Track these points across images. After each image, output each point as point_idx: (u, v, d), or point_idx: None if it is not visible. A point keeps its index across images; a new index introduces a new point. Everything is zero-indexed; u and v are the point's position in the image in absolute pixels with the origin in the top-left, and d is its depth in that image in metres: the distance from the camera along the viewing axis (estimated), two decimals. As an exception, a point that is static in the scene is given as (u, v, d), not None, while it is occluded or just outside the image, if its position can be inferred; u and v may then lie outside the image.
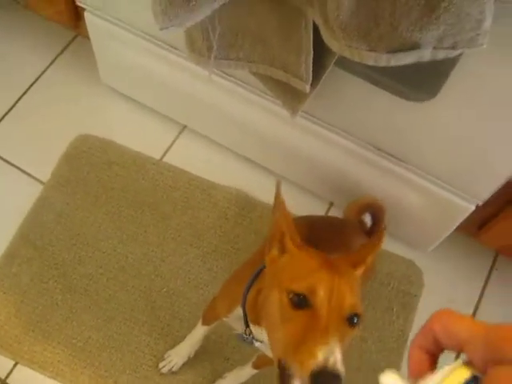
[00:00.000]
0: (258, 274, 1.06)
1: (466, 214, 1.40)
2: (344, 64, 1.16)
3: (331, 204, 1.72)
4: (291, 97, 1.26)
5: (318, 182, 1.66)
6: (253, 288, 1.05)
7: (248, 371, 1.42)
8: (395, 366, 1.56)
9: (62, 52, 1.90)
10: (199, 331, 1.43)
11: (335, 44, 0.94)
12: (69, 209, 1.66)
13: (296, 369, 0.77)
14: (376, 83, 1.19)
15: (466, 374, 0.39)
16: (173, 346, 1.52)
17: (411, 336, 1.60)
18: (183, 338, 1.50)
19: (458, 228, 1.49)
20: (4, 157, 1.73)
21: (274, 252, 0.96)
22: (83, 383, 1.48)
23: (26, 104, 1.82)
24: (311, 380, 0.74)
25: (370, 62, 0.92)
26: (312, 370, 0.74)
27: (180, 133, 1.80)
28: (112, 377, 1.49)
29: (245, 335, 1.09)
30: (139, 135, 1.78)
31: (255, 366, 1.37)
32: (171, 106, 1.75)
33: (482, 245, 1.54)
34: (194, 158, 1.75)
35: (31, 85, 1.85)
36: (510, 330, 0.37)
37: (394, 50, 0.89)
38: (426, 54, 0.89)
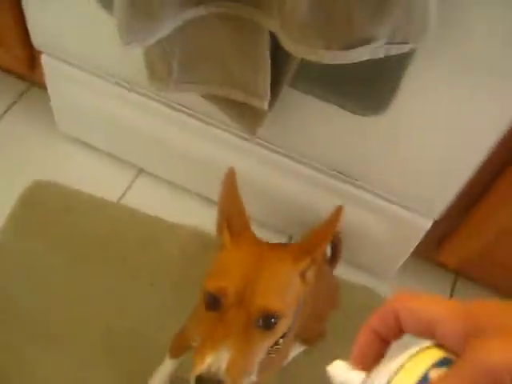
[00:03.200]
0: None
1: (424, 232, 1.43)
2: (295, 82, 1.21)
3: (291, 237, 1.73)
4: (249, 118, 1.29)
5: (276, 216, 1.67)
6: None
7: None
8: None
9: (14, 103, 1.90)
10: (166, 368, 1.37)
11: (292, 46, 0.97)
12: (26, 254, 1.60)
13: (193, 367, 0.80)
14: (326, 99, 1.23)
15: (437, 354, 0.36)
16: (137, 391, 1.45)
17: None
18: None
19: (418, 250, 1.52)
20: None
21: (220, 242, 0.95)
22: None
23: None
24: (195, 382, 0.78)
25: (327, 61, 0.96)
26: (197, 372, 0.77)
27: (137, 175, 1.80)
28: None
29: None
30: (96, 180, 1.77)
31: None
32: (127, 148, 1.75)
33: (443, 264, 1.57)
34: (152, 200, 1.75)
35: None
36: (493, 305, 0.35)
37: (349, 47, 0.93)
38: (379, 50, 0.94)
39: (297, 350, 1.54)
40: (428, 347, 0.36)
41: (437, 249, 1.52)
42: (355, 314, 1.63)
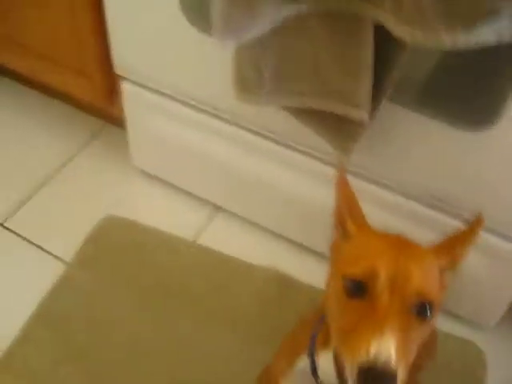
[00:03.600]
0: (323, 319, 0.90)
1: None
2: (394, 93, 1.10)
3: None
4: (343, 136, 1.18)
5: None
6: (322, 329, 0.87)
7: None
8: None
9: (90, 140, 1.86)
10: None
11: (407, 32, 0.87)
12: (92, 291, 1.50)
13: (346, 361, 0.68)
14: (428, 112, 1.11)
15: None
16: None
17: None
18: None
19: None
20: (26, 236, 1.61)
21: (337, 238, 0.84)
22: None
23: (51, 188, 1.74)
24: (359, 378, 0.64)
25: (448, 44, 0.84)
26: (360, 366, 0.64)
27: (214, 214, 1.70)
28: None
29: None
30: (172, 218, 1.67)
31: None
32: (206, 185, 1.66)
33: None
34: (230, 240, 1.63)
35: (58, 170, 1.78)
36: None
37: (472, 23, 0.81)
38: (505, 30, 0.82)
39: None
40: None
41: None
42: (448, 366, 1.44)
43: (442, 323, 1.47)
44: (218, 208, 1.70)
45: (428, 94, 1.11)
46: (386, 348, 0.63)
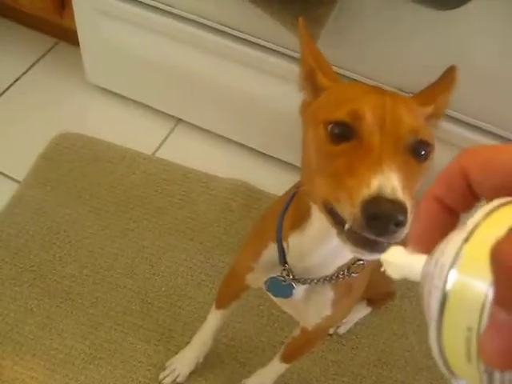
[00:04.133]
0: (292, 198, 0.83)
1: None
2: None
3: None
4: (310, 21, 1.11)
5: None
6: (288, 211, 0.82)
7: (274, 369, 1.14)
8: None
9: (42, 56, 1.76)
10: (212, 321, 1.16)
11: None
12: (48, 206, 1.43)
13: (343, 206, 0.58)
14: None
15: None
16: (175, 354, 1.24)
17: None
18: (187, 343, 1.23)
19: None
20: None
21: (306, 97, 0.76)
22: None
23: (1, 106, 1.64)
24: (362, 211, 0.54)
25: None
26: (364, 200, 0.55)
27: (174, 127, 1.62)
28: (102, 395, 1.20)
29: (282, 277, 0.83)
30: (129, 132, 1.59)
31: (284, 358, 1.10)
32: (163, 97, 1.59)
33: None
34: (191, 152, 1.57)
35: (9, 87, 1.67)
36: None
37: None
38: None
39: (363, 312, 1.32)
40: (509, 202, 0.27)
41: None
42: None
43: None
44: (178, 120, 1.63)
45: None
46: (389, 179, 0.56)
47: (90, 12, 1.44)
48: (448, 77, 0.78)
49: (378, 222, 0.54)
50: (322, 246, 0.75)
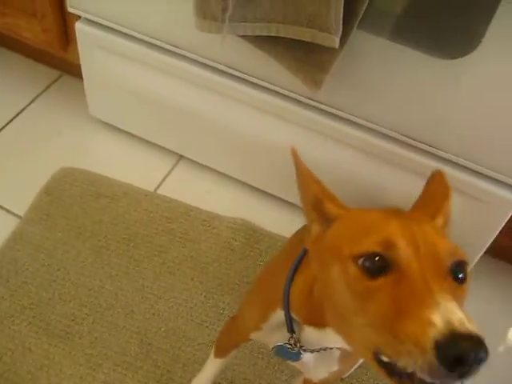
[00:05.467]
0: (300, 262, 0.81)
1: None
2: (368, 24, 1.04)
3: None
4: (314, 67, 1.12)
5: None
6: (297, 279, 0.79)
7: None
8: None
9: (45, 89, 1.76)
10: (210, 368, 1.15)
11: None
12: (48, 243, 1.42)
13: (409, 357, 0.50)
14: (404, 40, 1.06)
15: None
16: (174, 397, 1.23)
17: None
18: (187, 385, 1.22)
19: (495, 246, 1.32)
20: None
21: (315, 228, 0.71)
22: None
23: (4, 139, 1.64)
24: (440, 356, 0.47)
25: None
26: (434, 342, 0.48)
27: (175, 163, 1.62)
28: None
29: (289, 346, 0.81)
30: (131, 168, 1.59)
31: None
32: (165, 134, 1.59)
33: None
34: (192, 189, 1.57)
35: (12, 119, 1.68)
36: None
37: None
38: None
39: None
40: None
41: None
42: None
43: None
44: (179, 157, 1.63)
45: (403, 22, 1.06)
46: (453, 311, 0.50)
47: (94, 48, 1.45)
48: (439, 182, 0.80)
49: (461, 364, 0.48)
50: (341, 342, 0.68)
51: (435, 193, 0.79)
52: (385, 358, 0.54)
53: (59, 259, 1.39)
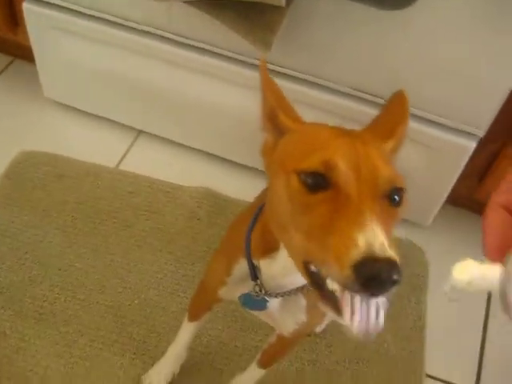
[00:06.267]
0: (259, 213, 0.83)
1: (468, 154, 1.25)
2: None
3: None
4: (262, 29, 1.12)
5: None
6: (257, 225, 0.81)
7: (252, 375, 1.15)
8: (416, 355, 1.33)
9: (-2, 75, 1.74)
10: (185, 334, 1.17)
11: None
12: (14, 227, 1.41)
13: (330, 268, 0.55)
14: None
15: None
16: (152, 366, 1.25)
17: (428, 320, 1.38)
18: (163, 354, 1.24)
19: (456, 196, 1.35)
20: None
21: (269, 139, 0.73)
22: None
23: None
24: (356, 274, 0.52)
25: None
26: (355, 261, 0.52)
27: (135, 139, 1.62)
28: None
29: (254, 293, 0.84)
30: (90, 147, 1.59)
31: (262, 364, 1.11)
32: (122, 110, 1.59)
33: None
34: (154, 163, 1.57)
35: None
36: None
37: None
38: None
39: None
40: None
41: (477, 187, 1.35)
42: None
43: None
44: (139, 132, 1.64)
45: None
46: (376, 235, 0.53)
47: (43, 28, 1.43)
48: (398, 104, 0.79)
49: (374, 283, 0.52)
50: (294, 272, 0.73)
51: (392, 114, 0.79)
52: (313, 268, 0.59)
53: (27, 242, 1.40)
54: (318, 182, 0.60)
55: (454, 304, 1.40)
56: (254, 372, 1.14)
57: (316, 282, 0.60)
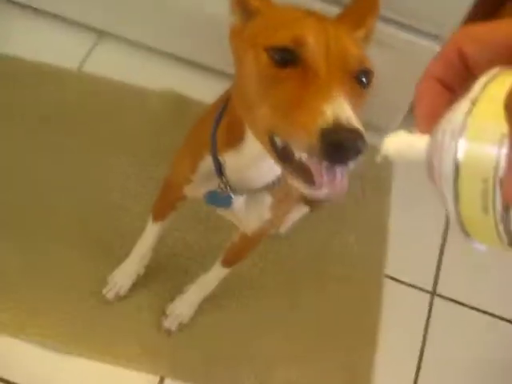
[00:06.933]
0: (224, 109, 0.82)
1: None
2: None
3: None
4: None
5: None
6: (222, 121, 0.81)
7: (216, 274, 1.17)
8: (377, 256, 1.37)
9: None
10: (150, 234, 1.17)
11: None
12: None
13: (297, 137, 0.57)
14: None
15: None
16: (118, 267, 1.25)
17: (391, 222, 1.41)
18: (128, 255, 1.24)
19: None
20: None
21: (237, 23, 0.73)
22: (5, 323, 1.18)
23: None
24: (323, 140, 0.53)
25: None
26: (320, 128, 0.53)
27: (97, 40, 1.55)
28: (43, 312, 1.20)
29: (219, 189, 0.84)
30: (50, 49, 1.52)
31: (225, 263, 1.13)
32: (84, 9, 1.49)
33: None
34: (117, 65, 1.52)
35: None
36: None
37: None
38: None
39: (301, 211, 1.35)
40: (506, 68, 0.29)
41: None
42: (357, 173, 1.45)
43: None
44: (100, 33, 1.56)
45: None
46: (343, 109, 0.55)
47: None
48: None
49: (340, 150, 0.53)
50: (259, 164, 0.76)
51: (362, 6, 0.79)
52: (279, 142, 0.61)
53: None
54: (287, 57, 0.61)
55: (417, 207, 1.42)
56: (218, 271, 1.16)
57: (282, 156, 0.61)
